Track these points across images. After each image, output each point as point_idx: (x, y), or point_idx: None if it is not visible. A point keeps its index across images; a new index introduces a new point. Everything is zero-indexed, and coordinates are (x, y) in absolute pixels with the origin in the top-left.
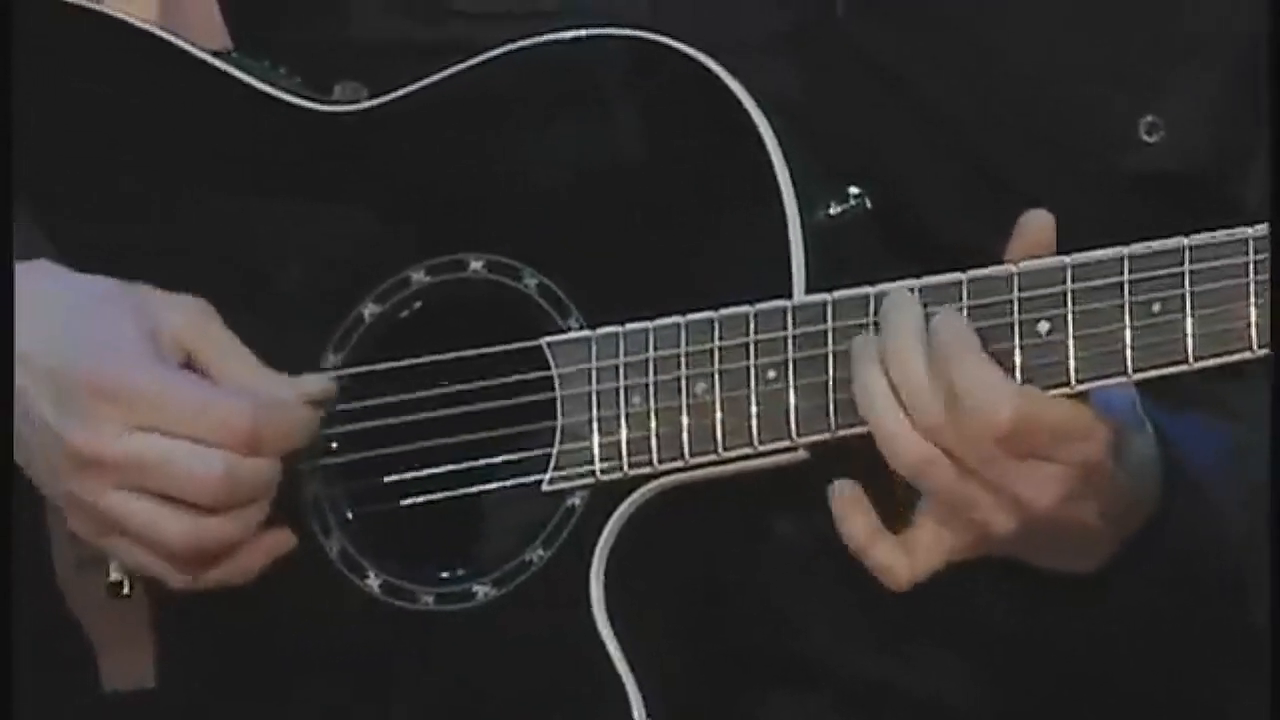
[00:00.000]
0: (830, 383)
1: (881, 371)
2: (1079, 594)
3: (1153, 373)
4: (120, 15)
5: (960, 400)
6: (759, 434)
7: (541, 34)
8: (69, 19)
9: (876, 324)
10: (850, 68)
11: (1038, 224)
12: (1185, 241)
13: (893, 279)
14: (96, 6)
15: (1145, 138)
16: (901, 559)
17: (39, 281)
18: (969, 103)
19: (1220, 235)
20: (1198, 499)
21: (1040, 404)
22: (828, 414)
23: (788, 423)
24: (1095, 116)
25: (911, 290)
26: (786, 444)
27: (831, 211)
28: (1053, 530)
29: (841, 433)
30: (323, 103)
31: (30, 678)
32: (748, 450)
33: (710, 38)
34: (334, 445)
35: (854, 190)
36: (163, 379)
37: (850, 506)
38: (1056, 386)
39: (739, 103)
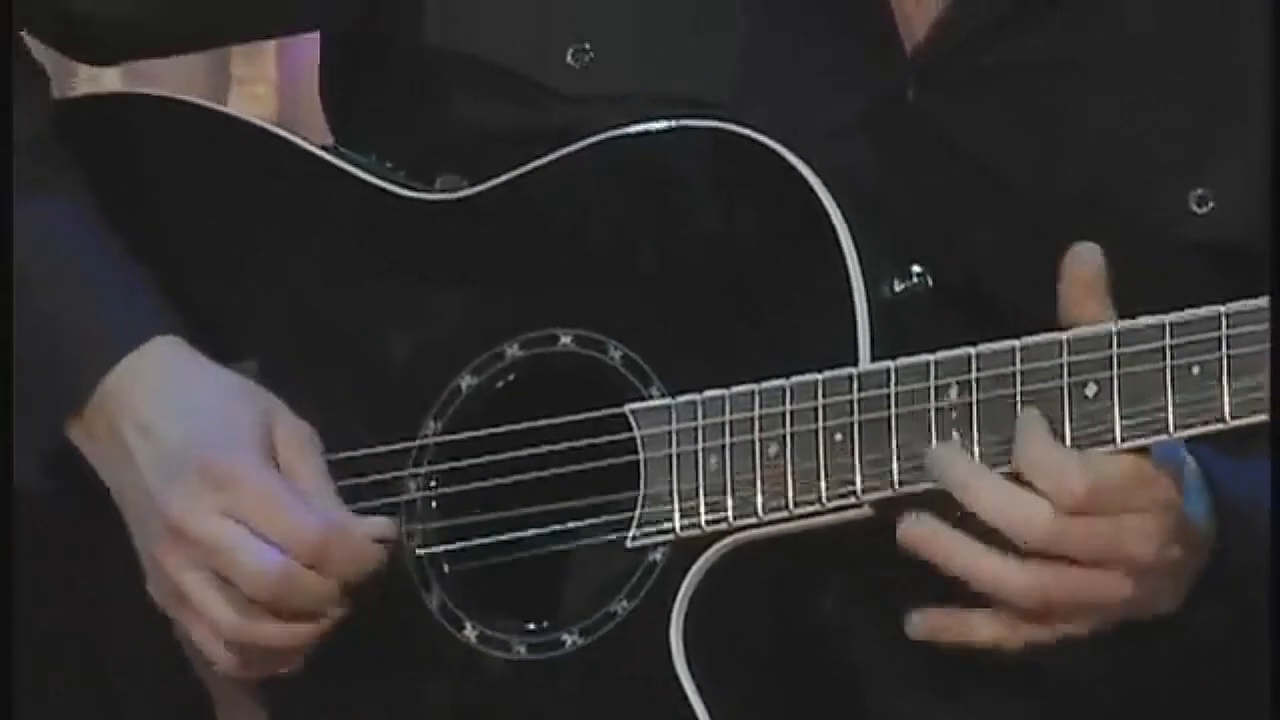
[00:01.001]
0: (893, 444)
1: (960, 538)
2: (1163, 633)
3: (1192, 431)
4: (242, 115)
5: (1034, 484)
6: (826, 492)
7: (625, 125)
8: (196, 119)
9: (937, 389)
10: (920, 147)
11: (1086, 256)
12: (1222, 309)
13: (951, 346)
14: (220, 108)
15: (1195, 209)
16: (1011, 633)
17: (176, 362)
18: (1032, 178)
19: (1254, 303)
20: (1246, 529)
21: (1105, 464)
22: (890, 473)
23: (853, 481)
24: (1150, 189)
25: (969, 357)
26: (852, 501)
27: (895, 289)
28: (1155, 580)
29: (903, 490)
30: (426, 192)
31: None
32: (816, 507)
33: (788, 120)
34: (434, 505)
35: (916, 269)
36: (258, 475)
37: (939, 629)
38: (1102, 445)
39: (811, 188)
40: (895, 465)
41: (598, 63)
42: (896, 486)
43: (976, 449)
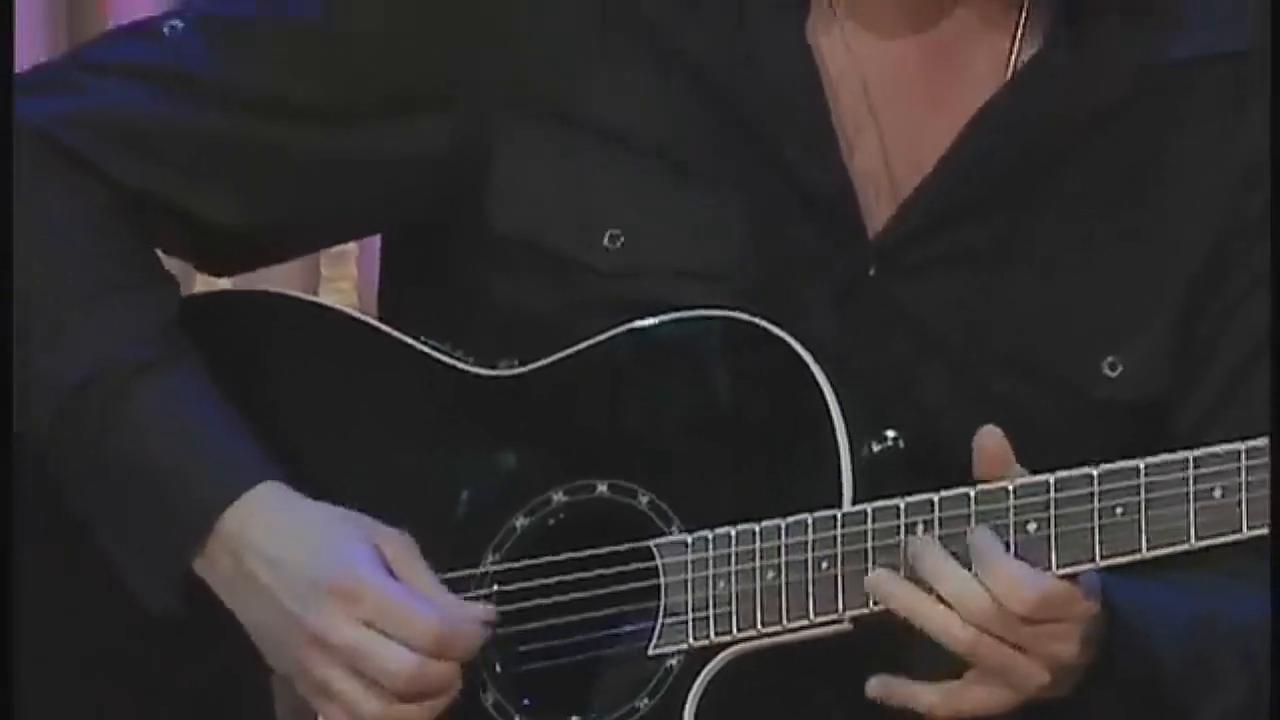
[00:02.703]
0: (870, 570)
1: (927, 593)
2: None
3: (1115, 560)
4: (335, 305)
5: (995, 590)
6: (814, 610)
7: (650, 297)
8: (296, 309)
9: (906, 526)
10: (883, 318)
11: (990, 440)
12: (1140, 463)
13: (917, 492)
14: (314, 300)
15: (1109, 374)
16: (942, 701)
17: (283, 502)
18: (978, 346)
19: (1167, 457)
20: (1133, 633)
21: (1053, 583)
22: (868, 594)
23: (837, 601)
24: (1070, 357)
25: (932, 501)
26: (835, 617)
27: (874, 449)
28: (1066, 672)
29: (878, 608)
30: (490, 369)
31: None
32: (805, 622)
33: (779, 294)
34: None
35: (890, 434)
36: (382, 586)
37: (890, 693)
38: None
39: (807, 365)
40: None
41: (628, 244)
42: (872, 605)
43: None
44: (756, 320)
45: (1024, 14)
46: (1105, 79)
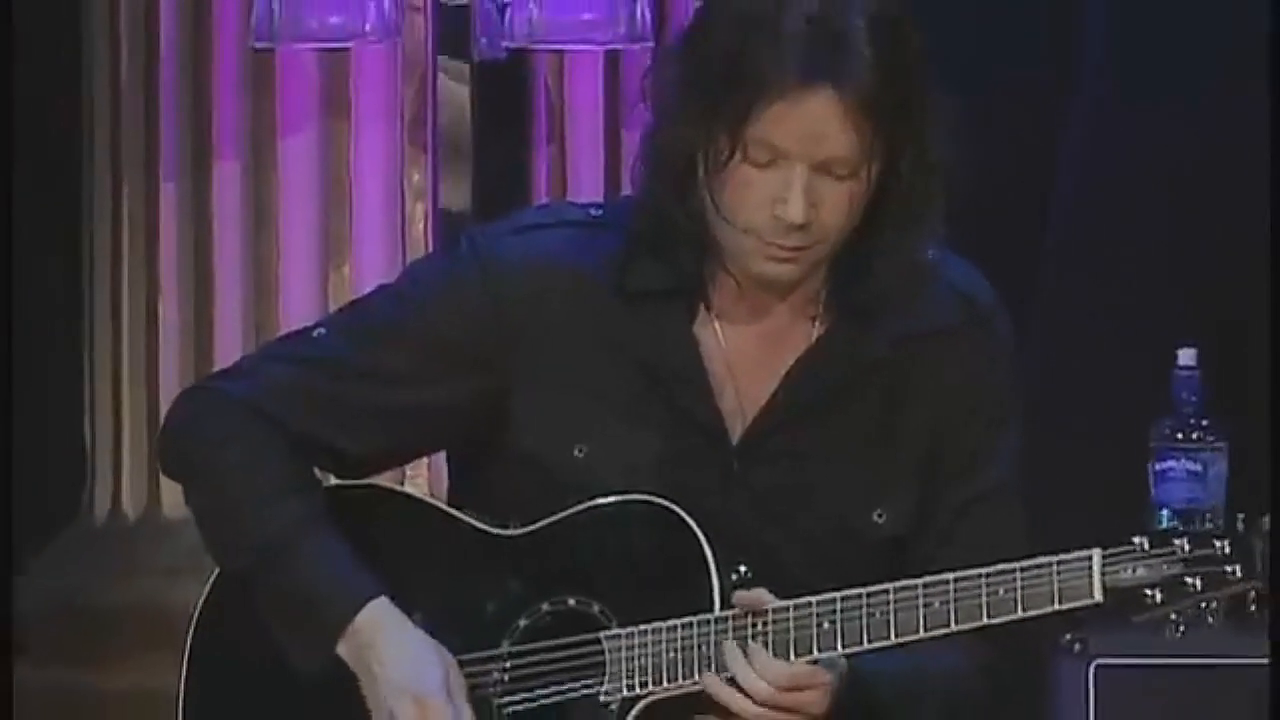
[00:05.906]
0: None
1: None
2: None
3: (878, 645)
4: (415, 493)
5: (765, 676)
6: (698, 673)
7: (601, 487)
8: (388, 494)
9: (752, 624)
10: (744, 492)
11: (743, 598)
12: (890, 586)
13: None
14: (401, 489)
15: (876, 520)
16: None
17: (397, 623)
18: (798, 507)
19: (906, 582)
20: (862, 687)
21: (797, 666)
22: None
23: (712, 669)
24: (852, 512)
25: (769, 609)
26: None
27: (733, 578)
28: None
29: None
30: (504, 529)
31: None
32: (693, 681)
33: (678, 480)
34: (507, 680)
35: (743, 568)
36: (441, 703)
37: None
38: (849, 645)
39: (694, 532)
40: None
41: (590, 454)
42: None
43: (772, 648)
44: (665, 502)
45: (819, 305)
46: (869, 343)
